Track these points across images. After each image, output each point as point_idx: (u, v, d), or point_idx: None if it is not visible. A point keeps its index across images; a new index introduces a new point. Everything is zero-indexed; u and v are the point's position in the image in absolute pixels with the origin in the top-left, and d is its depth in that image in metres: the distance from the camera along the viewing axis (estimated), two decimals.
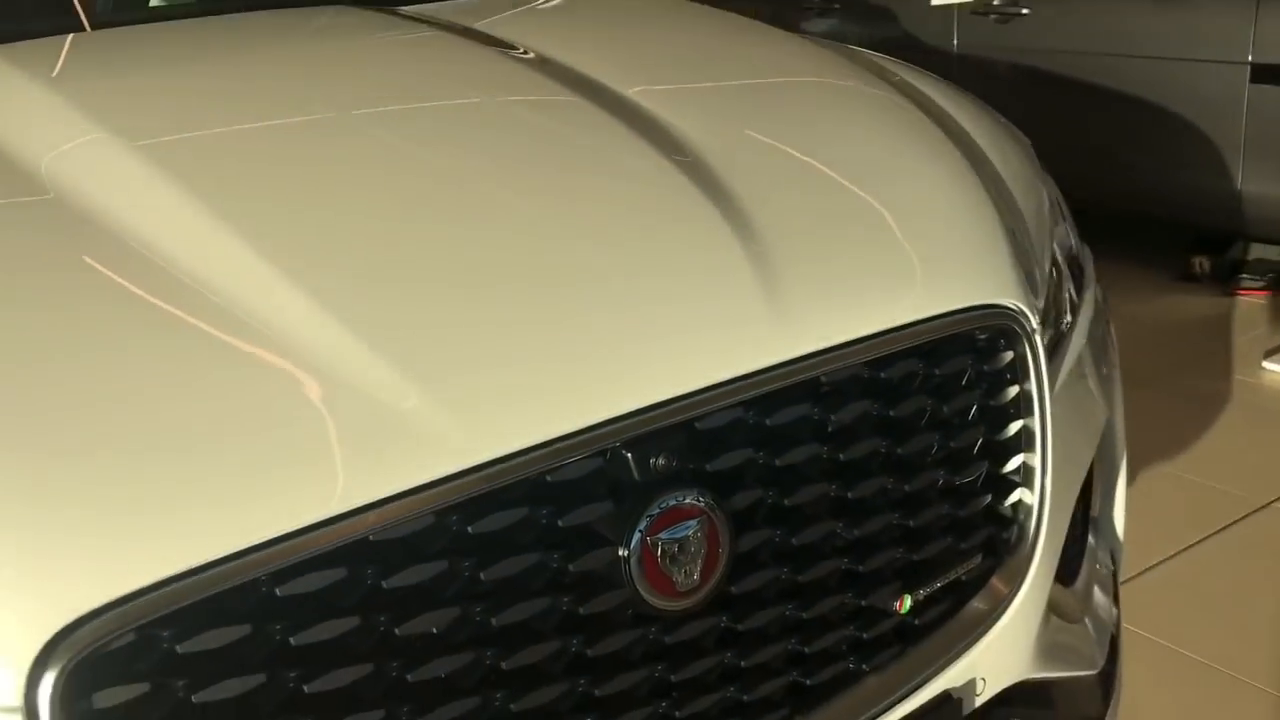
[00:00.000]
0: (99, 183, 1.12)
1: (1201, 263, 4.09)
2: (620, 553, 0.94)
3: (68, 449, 0.83)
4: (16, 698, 0.76)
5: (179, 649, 0.80)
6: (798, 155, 1.34)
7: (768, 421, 1.03)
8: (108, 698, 0.79)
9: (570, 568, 0.93)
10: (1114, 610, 1.59)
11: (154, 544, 0.80)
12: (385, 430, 0.87)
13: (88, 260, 1.02)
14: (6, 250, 1.05)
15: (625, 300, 1.03)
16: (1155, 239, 4.39)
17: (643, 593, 0.95)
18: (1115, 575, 1.69)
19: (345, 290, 0.98)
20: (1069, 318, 1.41)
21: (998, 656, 1.21)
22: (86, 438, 0.84)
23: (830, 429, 1.07)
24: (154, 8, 2.29)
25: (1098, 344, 1.49)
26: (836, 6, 5.14)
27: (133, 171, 1.14)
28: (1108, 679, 1.48)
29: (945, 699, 1.15)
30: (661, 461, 0.96)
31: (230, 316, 0.94)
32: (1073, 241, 1.59)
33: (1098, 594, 1.56)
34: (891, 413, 1.11)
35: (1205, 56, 3.87)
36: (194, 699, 0.81)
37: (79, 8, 1.83)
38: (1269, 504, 2.66)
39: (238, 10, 1.93)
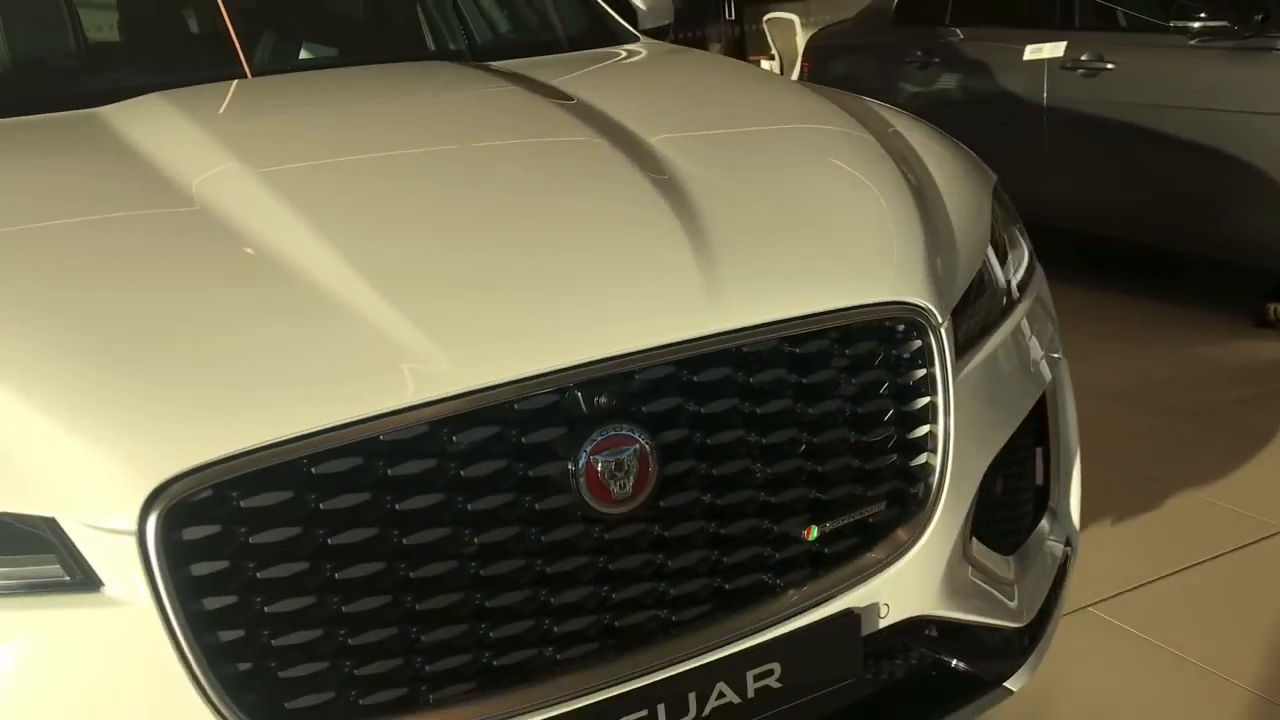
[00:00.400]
0: (227, 198, 1.53)
1: (1276, 309, 4.19)
2: (569, 466, 1.27)
3: (177, 361, 1.21)
4: (132, 526, 1.13)
5: (241, 504, 1.16)
6: (756, 177, 1.67)
7: (695, 379, 1.34)
8: (192, 533, 1.15)
9: (531, 474, 1.26)
10: (1051, 582, 1.83)
11: (228, 428, 1.16)
12: (398, 361, 1.23)
13: (211, 247, 1.43)
14: (160, 241, 1.48)
15: (589, 275, 1.38)
16: (1234, 285, 4.50)
17: (586, 498, 1.27)
18: (1068, 557, 1.93)
19: (383, 265, 1.35)
20: (1000, 303, 1.69)
21: (899, 590, 1.49)
22: (189, 355, 1.22)
23: (750, 389, 1.37)
24: (301, 60, 2.76)
25: (1034, 340, 1.75)
26: (936, 60, 5.40)
27: (250, 190, 1.55)
28: (1031, 637, 1.73)
29: (846, 614, 1.44)
30: (604, 400, 1.28)
31: (298, 281, 1.32)
32: (1022, 252, 1.86)
33: (1037, 567, 1.81)
34: (804, 380, 1.41)
35: None
36: (250, 540, 1.17)
37: (243, 61, 2.31)
38: None
39: (363, 63, 2.38)
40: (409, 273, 1.35)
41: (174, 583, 1.14)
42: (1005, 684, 1.68)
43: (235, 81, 2.19)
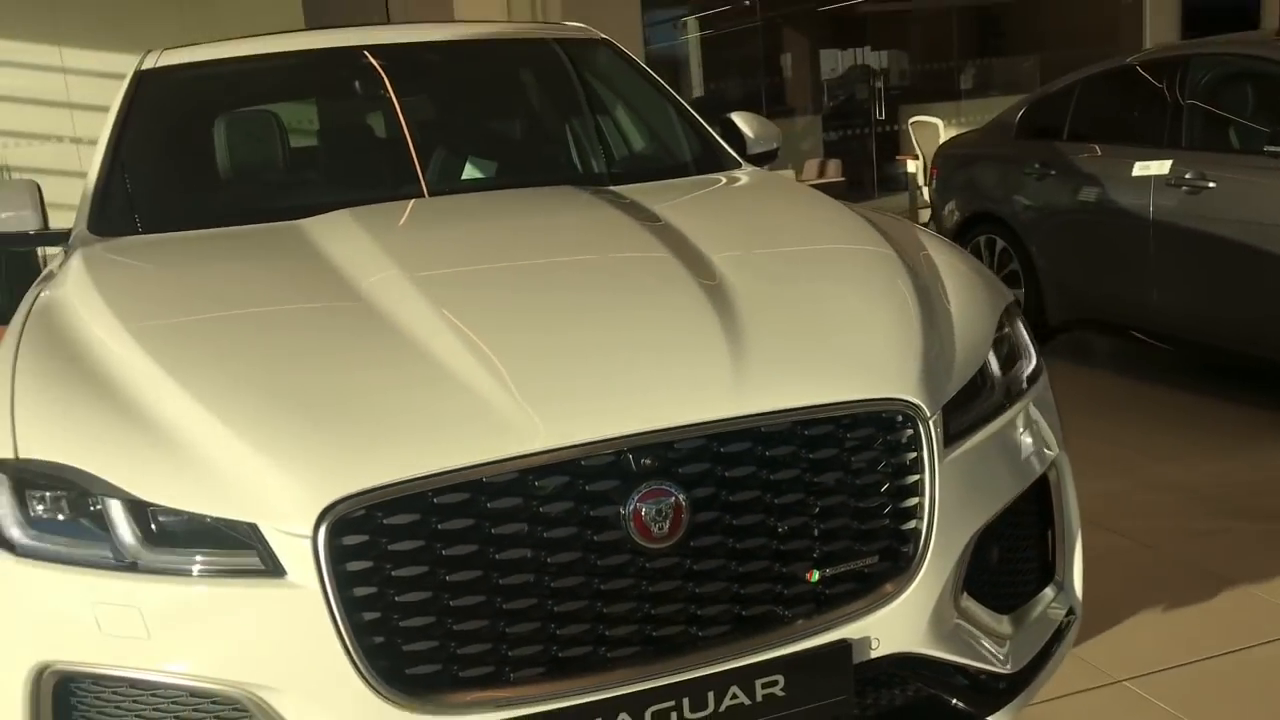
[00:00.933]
0: (386, 296, 2.07)
1: None
2: (621, 510, 1.71)
3: (344, 415, 1.73)
4: (308, 533, 1.62)
5: (383, 521, 1.64)
6: (790, 288, 2.14)
7: (722, 449, 1.77)
8: (349, 540, 1.64)
9: (591, 514, 1.71)
10: (1046, 641, 2.17)
11: (378, 466, 1.65)
12: (501, 423, 1.70)
13: (371, 333, 1.95)
14: (335, 327, 2.03)
15: (644, 365, 1.84)
16: None
17: (633, 535, 1.71)
18: (1070, 622, 2.26)
19: (498, 343, 1.86)
20: (994, 401, 2.07)
21: (888, 628, 1.87)
22: (352, 411, 1.73)
23: (766, 460, 1.80)
24: (465, 180, 3.35)
25: (1027, 435, 2.12)
26: (1052, 173, 5.72)
27: (403, 291, 2.07)
28: (1017, 683, 2.07)
29: (841, 643, 1.83)
30: (649, 462, 1.72)
31: (434, 360, 1.83)
32: (1027, 363, 2.23)
33: (1035, 626, 2.16)
34: (811, 455, 1.82)
35: None
36: (388, 548, 1.65)
37: (423, 184, 2.93)
38: None
39: (520, 182, 3.01)
40: (505, 351, 1.86)
41: (334, 575, 1.63)
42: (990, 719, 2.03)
43: (406, 201, 2.78)
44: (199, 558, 1.69)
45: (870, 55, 15.29)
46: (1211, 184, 4.80)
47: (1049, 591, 2.26)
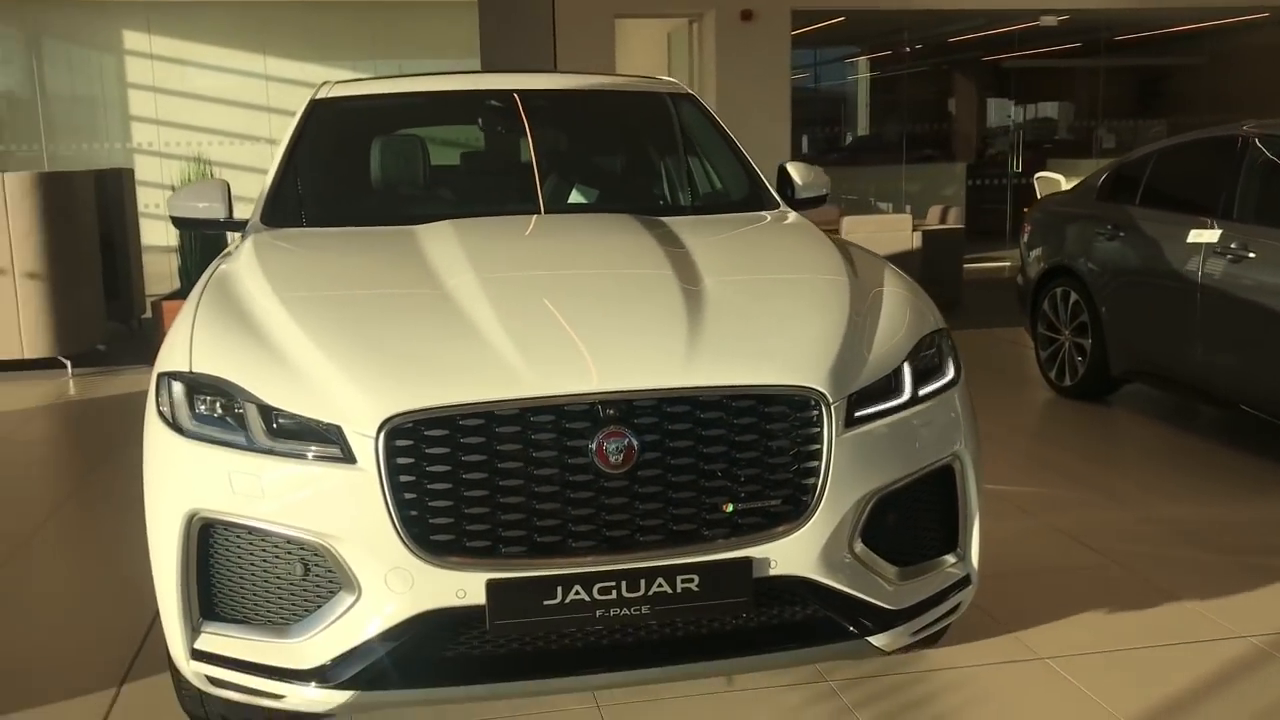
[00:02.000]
0: (458, 287, 2.85)
1: None
2: (589, 444, 2.43)
3: (404, 355, 2.53)
4: (372, 435, 2.40)
5: (424, 432, 2.41)
6: (753, 298, 2.90)
7: (668, 409, 2.48)
8: (398, 442, 2.40)
9: (568, 444, 2.44)
10: (936, 592, 2.79)
11: (422, 393, 2.42)
12: (510, 373, 2.45)
13: (439, 309, 2.74)
14: (416, 304, 2.82)
15: (621, 342, 2.58)
16: None
17: (595, 463, 2.43)
18: (962, 586, 2.87)
19: (517, 325, 2.61)
20: (901, 399, 2.72)
21: (784, 555, 2.53)
22: (410, 353, 2.53)
23: (700, 420, 2.49)
24: (569, 203, 4.16)
25: (926, 430, 2.75)
26: (1121, 235, 6.19)
27: (470, 283, 2.85)
28: (902, 616, 2.70)
29: (744, 560, 2.50)
30: (611, 413, 2.44)
31: (476, 332, 2.60)
32: (942, 375, 2.88)
33: (929, 579, 2.78)
34: (736, 421, 2.51)
35: None
36: (425, 450, 2.41)
37: (540, 203, 3.75)
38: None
39: (598, 210, 3.86)
40: (529, 331, 2.62)
41: (387, 466, 2.40)
42: (870, 639, 2.66)
43: (495, 218, 3.59)
44: (300, 446, 2.48)
45: (1015, 108, 15.60)
46: (1252, 254, 5.24)
47: (949, 558, 2.88)
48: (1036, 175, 11.01)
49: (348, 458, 2.43)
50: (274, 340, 2.66)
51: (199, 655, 2.58)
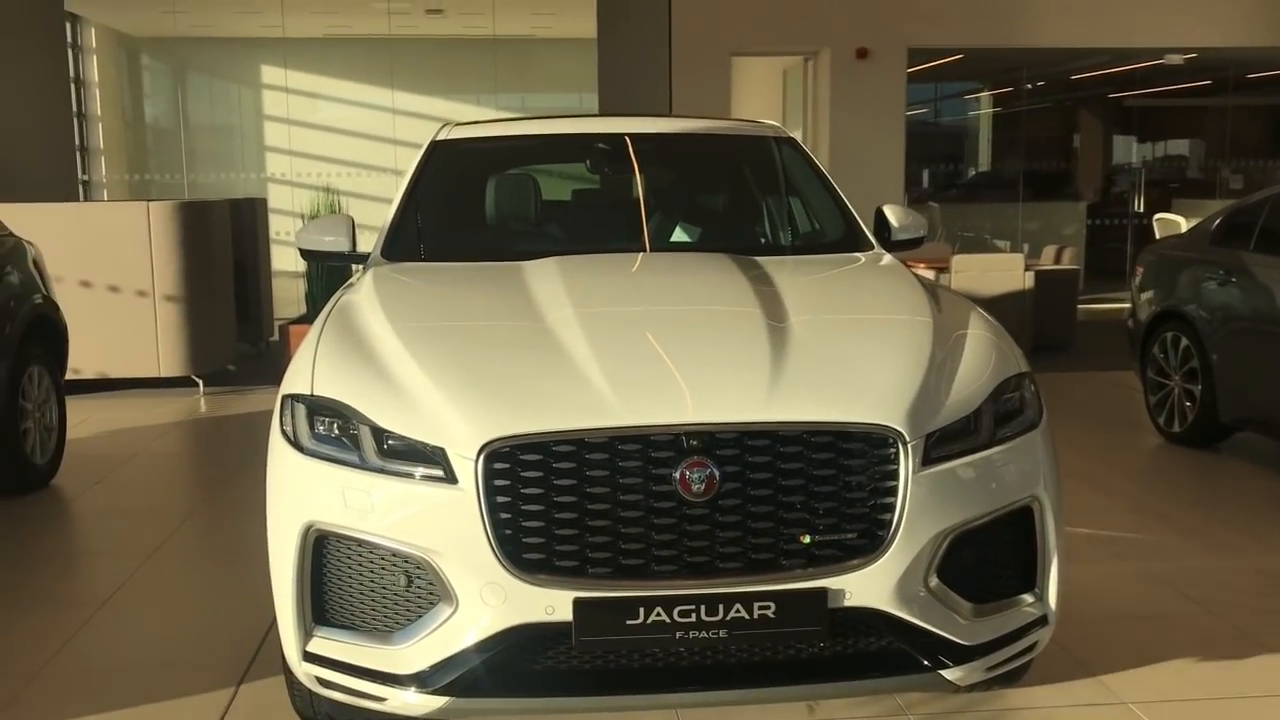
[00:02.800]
0: (557, 320, 3.04)
1: None
2: (673, 474, 2.58)
3: (504, 384, 2.73)
4: (473, 458, 2.59)
5: (520, 456, 2.59)
6: (836, 338, 3.04)
7: (749, 442, 2.62)
8: (496, 465, 2.59)
9: (653, 472, 2.59)
10: (1011, 631, 2.85)
11: (518, 421, 2.61)
12: (600, 404, 2.62)
13: (538, 343, 2.94)
14: (518, 336, 3.04)
15: (708, 377, 2.73)
16: None
17: (680, 491, 2.58)
18: (1039, 625, 2.93)
19: (609, 361, 2.78)
20: (980, 439, 2.81)
21: (860, 587, 2.63)
22: (509, 383, 2.72)
23: (780, 453, 2.62)
24: (673, 241, 4.34)
25: (1005, 470, 2.83)
26: (1233, 280, 6.12)
27: (569, 318, 3.04)
28: (976, 652, 2.78)
29: (820, 590, 2.62)
30: (695, 443, 2.59)
31: (573, 365, 2.78)
32: (1024, 419, 2.95)
33: (1005, 617, 2.85)
34: (814, 456, 2.63)
35: None
36: (521, 474, 2.58)
37: (646, 241, 3.95)
38: None
39: (711, 246, 4.05)
40: (619, 363, 2.79)
41: (485, 487, 2.58)
42: (942, 673, 2.74)
43: (598, 255, 3.79)
44: (408, 466, 2.68)
45: (1138, 147, 15.32)
46: None
47: (1027, 597, 2.94)
48: (1156, 217, 10.85)
49: (450, 478, 2.62)
50: (388, 367, 2.87)
51: (310, 657, 2.79)
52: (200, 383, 8.57)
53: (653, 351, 2.90)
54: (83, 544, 5.22)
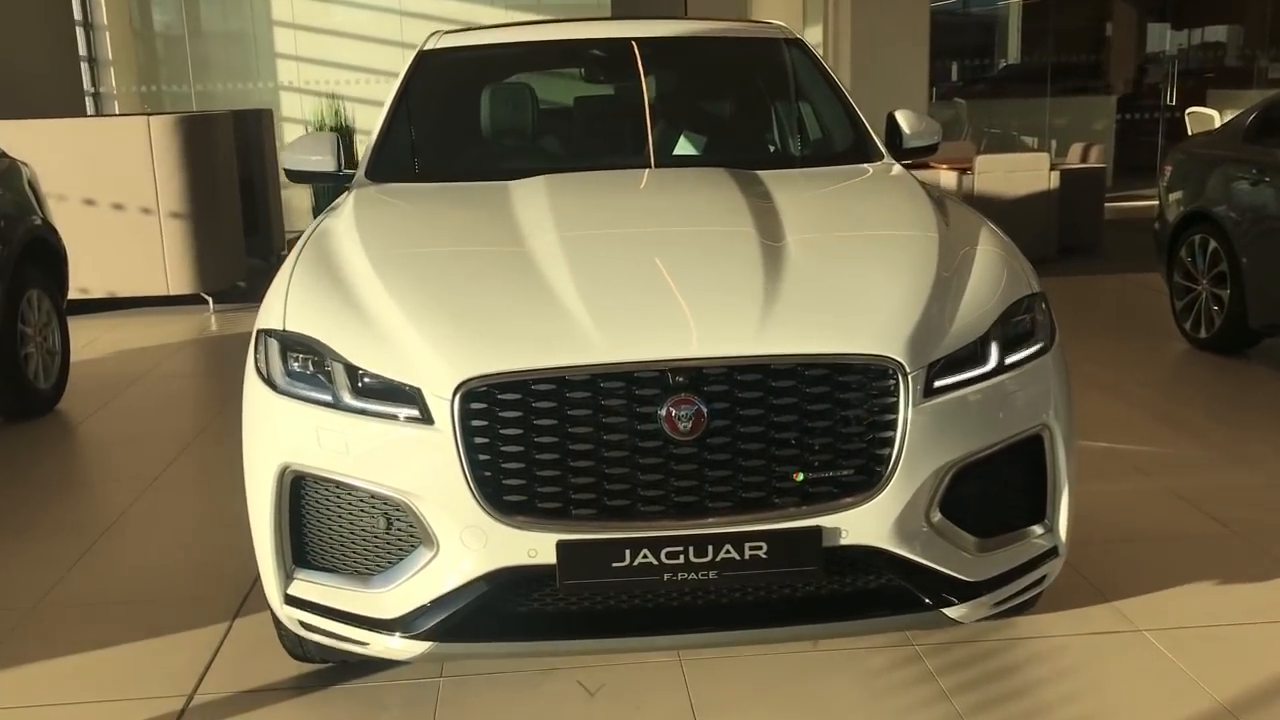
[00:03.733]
0: (537, 244, 2.90)
1: None
2: (659, 411, 2.45)
3: (479, 318, 2.58)
4: (448, 397, 2.46)
5: (497, 395, 2.46)
6: (833, 260, 2.88)
7: (738, 377, 2.47)
8: (472, 405, 2.46)
9: (637, 410, 2.45)
10: (1020, 565, 2.73)
11: (494, 359, 2.47)
12: (582, 339, 2.48)
13: (516, 268, 2.79)
14: (496, 261, 2.87)
15: (694, 307, 2.57)
16: None
17: (665, 430, 2.45)
18: (1048, 558, 2.81)
19: (591, 287, 2.64)
20: (986, 367, 2.65)
21: (856, 525, 2.51)
22: (485, 316, 2.57)
23: (771, 388, 2.48)
24: (678, 154, 4.14)
25: (1012, 400, 2.68)
26: (1266, 179, 5.86)
27: (549, 242, 2.89)
28: (979, 588, 2.66)
29: (814, 529, 2.49)
30: (681, 380, 2.45)
31: (551, 294, 2.63)
32: (1033, 344, 2.79)
33: (1012, 551, 2.73)
34: (808, 390, 2.49)
35: None
36: (499, 413, 2.46)
37: (651, 154, 3.76)
38: None
39: (720, 160, 3.83)
40: (603, 295, 2.63)
41: (461, 427, 2.45)
42: (946, 611, 2.63)
43: (588, 173, 3.61)
44: (384, 406, 2.56)
45: (1171, 35, 14.78)
46: None
47: (1036, 529, 2.81)
48: (1188, 111, 10.47)
49: (426, 419, 2.50)
50: (362, 300, 2.74)
51: (291, 600, 2.71)
52: (210, 300, 8.48)
53: (638, 280, 2.74)
54: (85, 471, 5.18)
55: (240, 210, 8.95)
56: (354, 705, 3.01)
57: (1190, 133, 10.32)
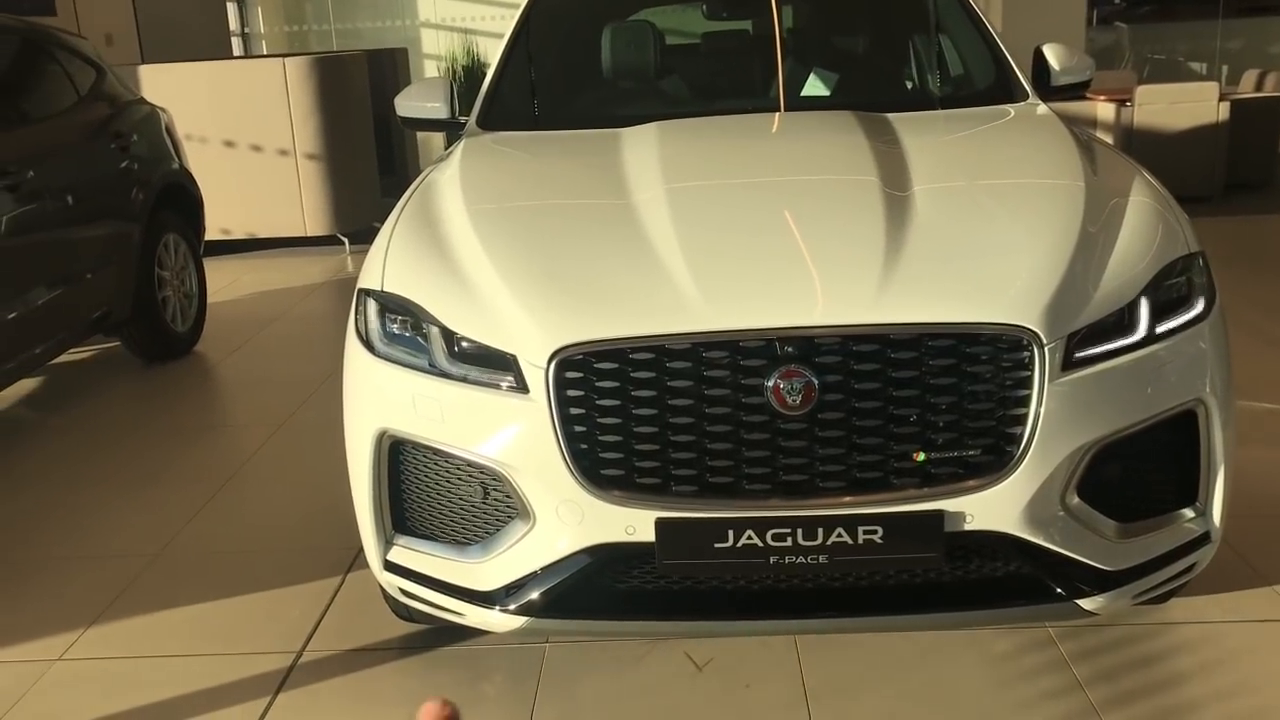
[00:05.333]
0: (643, 198, 2.73)
1: None
2: (766, 383, 2.28)
3: (579, 284, 2.44)
4: (544, 365, 2.33)
5: (594, 365, 2.32)
6: (964, 216, 2.64)
7: (854, 348, 2.28)
8: (569, 373, 2.32)
9: (743, 382, 2.29)
10: (1167, 552, 2.48)
11: (593, 325, 2.33)
12: (683, 305, 2.31)
13: (621, 225, 2.65)
14: (601, 217, 2.76)
15: (808, 270, 2.38)
16: None
17: (772, 402, 2.27)
18: (1200, 544, 2.55)
19: (697, 249, 2.47)
20: (1135, 337, 2.39)
21: (983, 509, 2.30)
22: (586, 282, 2.43)
23: (891, 360, 2.28)
24: (807, 95, 3.91)
25: (1164, 372, 2.41)
26: None
27: (657, 196, 2.72)
28: (1120, 579, 2.43)
29: (937, 513, 2.29)
30: (790, 350, 2.27)
31: (654, 255, 2.47)
32: (1189, 309, 2.51)
33: (1159, 537, 2.48)
34: (932, 362, 2.28)
35: None
36: (596, 383, 2.32)
37: (780, 96, 3.56)
38: None
39: (827, 105, 3.64)
40: (708, 256, 2.46)
41: (557, 397, 2.33)
42: (1079, 602, 2.41)
43: (706, 119, 3.43)
44: (480, 372, 2.45)
45: None
46: None
47: (1187, 512, 2.55)
48: None
49: (521, 388, 2.38)
50: (461, 261, 2.62)
51: (390, 567, 2.65)
52: (345, 241, 8.57)
53: (747, 238, 2.56)
54: (216, 415, 5.27)
55: (375, 151, 8.99)
56: (458, 669, 2.95)
57: None
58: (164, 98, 6.75)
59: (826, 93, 3.97)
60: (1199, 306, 2.54)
